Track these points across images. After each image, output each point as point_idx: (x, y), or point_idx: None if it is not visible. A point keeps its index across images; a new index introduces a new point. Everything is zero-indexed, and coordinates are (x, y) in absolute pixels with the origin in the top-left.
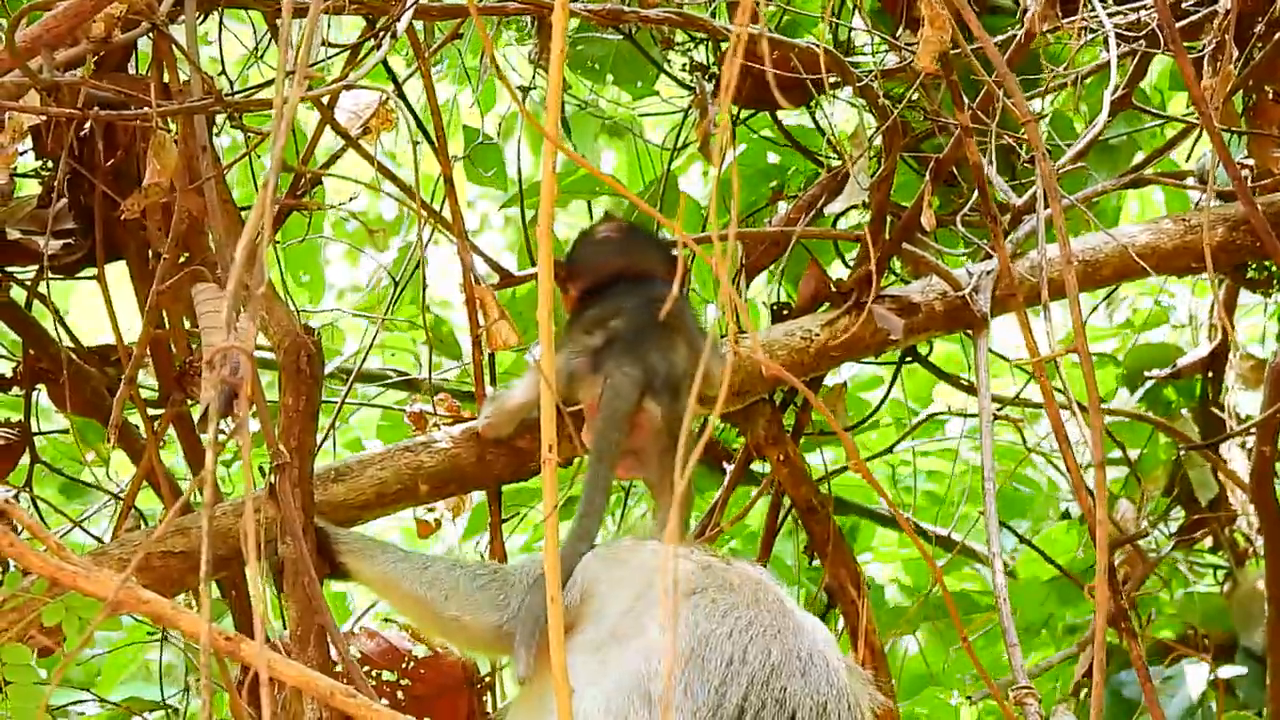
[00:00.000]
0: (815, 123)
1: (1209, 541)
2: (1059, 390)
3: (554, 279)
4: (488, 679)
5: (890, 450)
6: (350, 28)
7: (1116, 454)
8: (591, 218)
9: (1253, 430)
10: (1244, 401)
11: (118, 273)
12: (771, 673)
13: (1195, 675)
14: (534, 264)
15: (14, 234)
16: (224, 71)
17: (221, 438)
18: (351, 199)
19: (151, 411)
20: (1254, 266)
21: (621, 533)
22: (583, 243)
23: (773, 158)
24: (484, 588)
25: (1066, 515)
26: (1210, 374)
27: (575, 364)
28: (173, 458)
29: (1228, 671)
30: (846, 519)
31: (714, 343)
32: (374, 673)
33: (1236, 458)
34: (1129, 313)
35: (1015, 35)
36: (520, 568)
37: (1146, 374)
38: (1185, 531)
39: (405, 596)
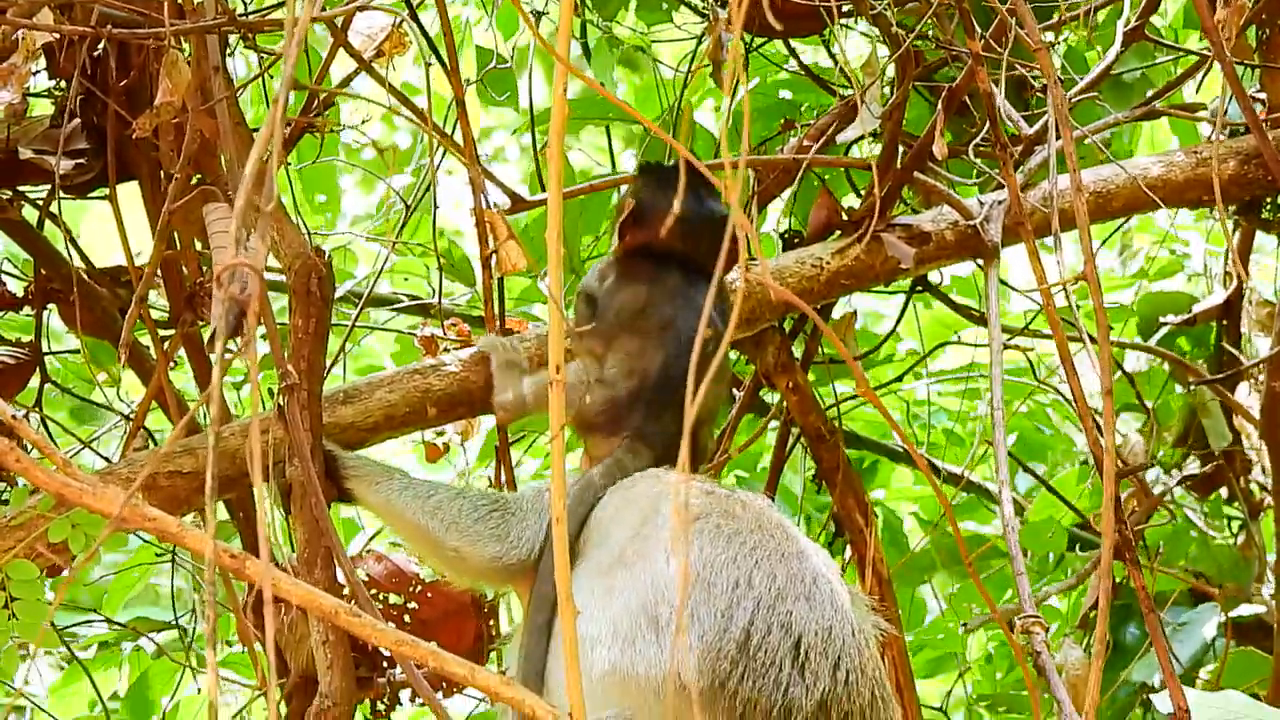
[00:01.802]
0: (829, 52)
1: (1225, 494)
2: (1068, 322)
3: (616, 222)
4: (495, 603)
5: (900, 379)
6: None
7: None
8: (610, 146)
9: (1263, 367)
10: (1261, 348)
11: (129, 193)
12: (777, 597)
13: (1209, 620)
14: (544, 189)
15: (26, 153)
16: None
17: (229, 357)
18: (364, 121)
19: (162, 332)
20: (1269, 206)
21: None
22: (659, 190)
23: (785, 94)
24: (484, 519)
25: (1086, 464)
26: (1225, 321)
27: (595, 411)
28: (183, 380)
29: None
30: (860, 453)
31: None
32: (381, 595)
33: (1253, 406)
34: (1143, 262)
35: None
36: (523, 497)
37: (1161, 319)
38: (1200, 481)
39: (407, 525)
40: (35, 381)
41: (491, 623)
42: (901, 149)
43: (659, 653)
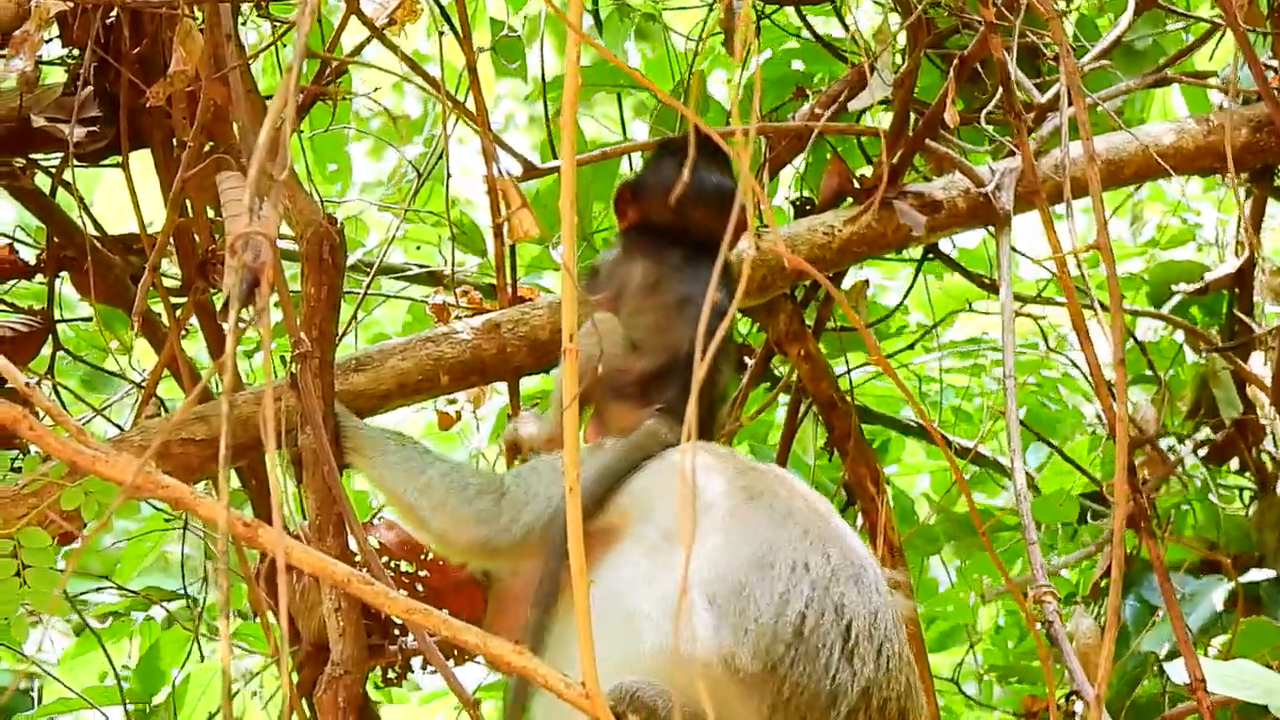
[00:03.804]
0: (841, 21)
1: (1236, 464)
2: (1081, 290)
3: (616, 201)
4: None
5: (911, 347)
6: None
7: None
8: (621, 115)
9: (1276, 336)
10: (1273, 316)
11: (142, 161)
12: (830, 580)
13: (1220, 588)
14: (556, 157)
15: (39, 121)
16: None
17: (242, 324)
18: (376, 90)
19: (174, 300)
20: None
21: None
22: (660, 163)
23: (798, 64)
24: (473, 500)
25: (1096, 435)
26: (1237, 290)
27: (629, 381)
28: (196, 348)
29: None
30: (873, 427)
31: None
32: (392, 563)
33: (1266, 375)
34: (1154, 232)
35: None
36: (528, 476)
37: (1173, 288)
38: (1213, 451)
39: (397, 501)
40: (47, 350)
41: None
42: (913, 117)
43: (714, 632)
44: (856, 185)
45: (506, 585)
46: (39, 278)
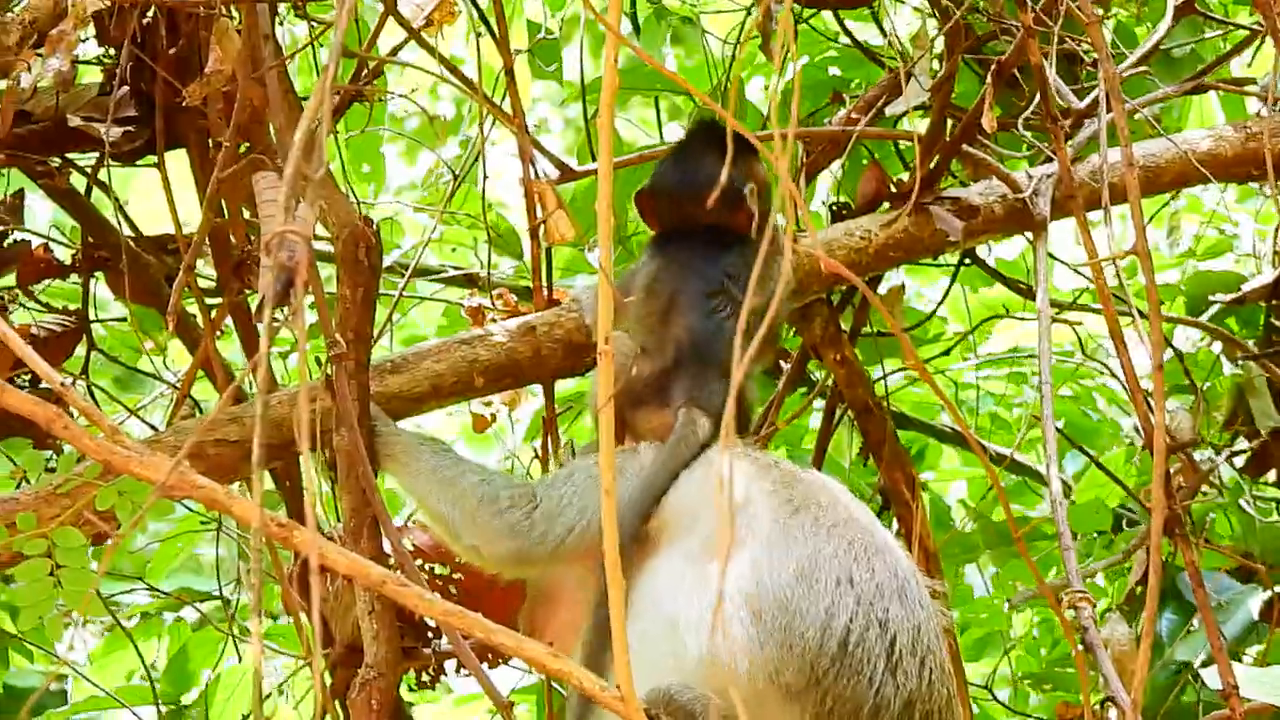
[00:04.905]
0: (879, 26)
1: (1274, 475)
2: (1119, 298)
3: (638, 206)
4: None
5: (948, 353)
6: None
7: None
8: (659, 118)
9: None
10: None
11: (178, 161)
12: (875, 594)
13: (1256, 597)
14: (594, 159)
15: (75, 121)
16: None
17: (277, 324)
18: (413, 90)
19: (209, 301)
20: None
21: None
22: (664, 166)
23: (834, 70)
24: (505, 512)
25: (1132, 446)
26: (1275, 301)
27: (643, 384)
28: (230, 350)
29: None
30: (909, 435)
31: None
32: (426, 566)
33: None
34: (1190, 242)
35: None
36: (552, 485)
37: (1210, 298)
38: (1250, 462)
39: (429, 512)
40: (82, 350)
41: None
42: (950, 122)
43: (758, 645)
44: (893, 190)
45: (541, 587)
46: (74, 278)
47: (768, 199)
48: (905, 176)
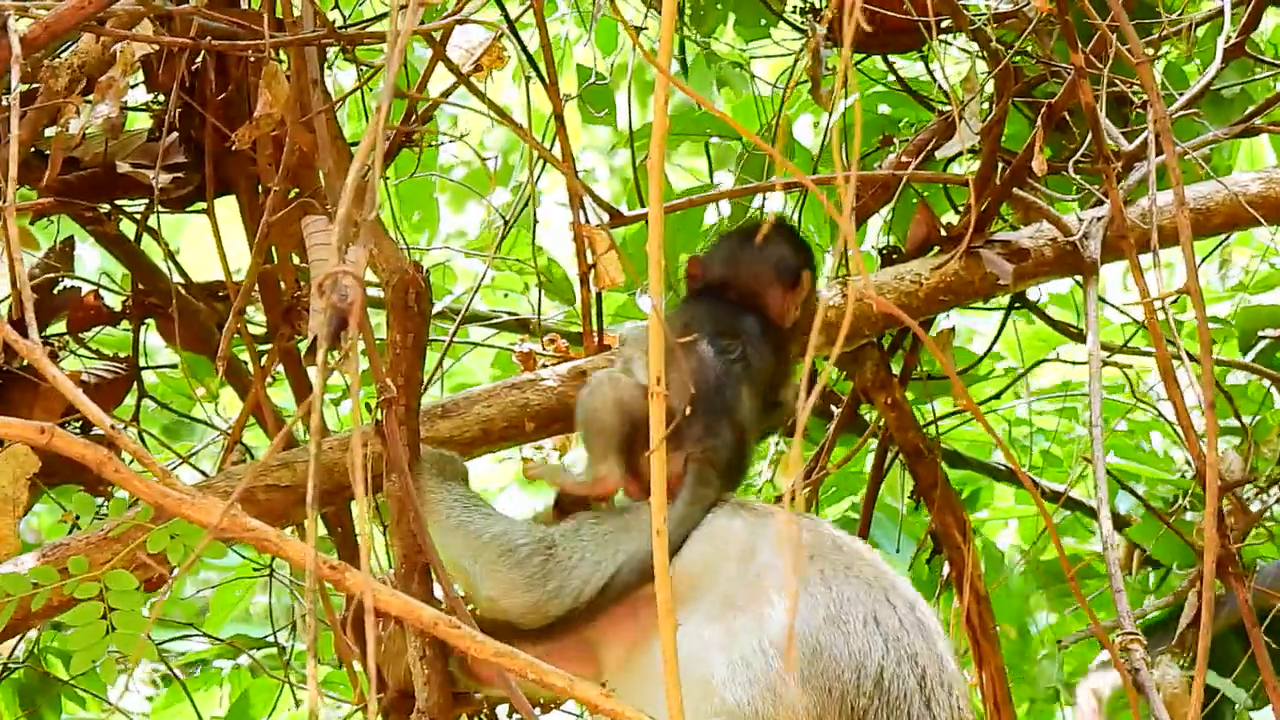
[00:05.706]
0: (928, 68)
1: None
2: (1170, 342)
3: (689, 269)
4: None
5: (999, 396)
6: None
7: (1232, 424)
8: (709, 164)
9: None
10: None
11: (227, 207)
12: (900, 629)
13: None
14: (643, 204)
15: (124, 167)
16: (337, 5)
17: (329, 366)
18: (463, 136)
19: (260, 347)
20: None
21: None
22: (727, 237)
23: (884, 109)
24: (522, 563)
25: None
26: None
27: (646, 434)
28: (281, 396)
29: None
30: (961, 473)
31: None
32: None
33: None
34: (1241, 275)
35: None
36: (567, 536)
37: (1260, 333)
38: None
39: (453, 565)
40: (132, 397)
41: None
42: (1000, 165)
43: (799, 695)
44: (943, 233)
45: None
46: (124, 324)
47: (811, 305)
48: (955, 220)
